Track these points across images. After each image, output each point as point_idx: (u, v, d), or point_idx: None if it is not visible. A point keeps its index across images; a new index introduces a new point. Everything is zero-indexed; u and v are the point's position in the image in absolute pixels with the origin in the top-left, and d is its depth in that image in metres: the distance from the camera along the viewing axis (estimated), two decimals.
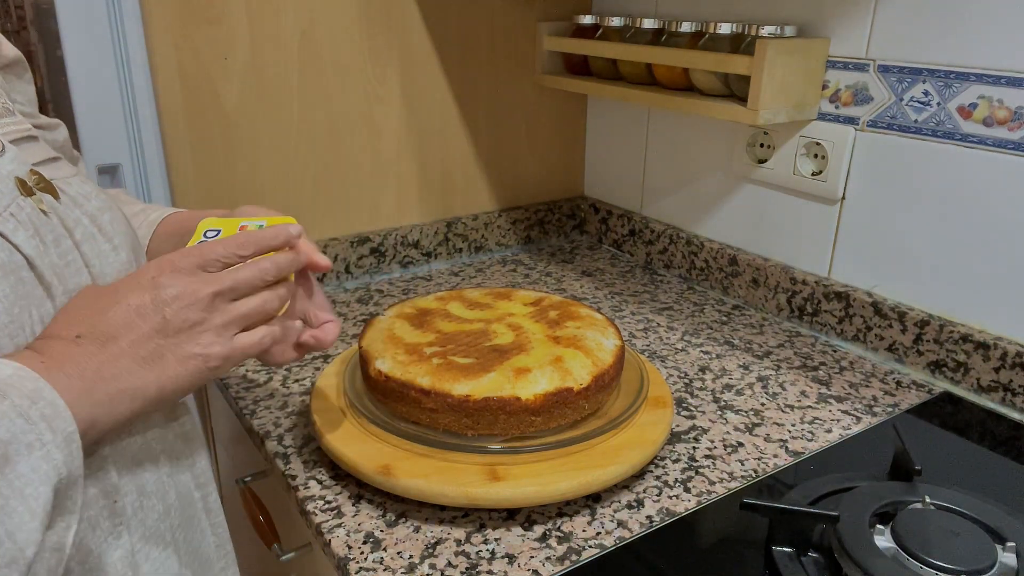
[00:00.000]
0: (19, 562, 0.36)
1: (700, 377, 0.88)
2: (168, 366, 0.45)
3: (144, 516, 0.49)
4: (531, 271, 1.21)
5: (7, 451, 0.36)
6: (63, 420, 0.39)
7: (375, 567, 0.59)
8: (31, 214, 0.43)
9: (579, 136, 1.34)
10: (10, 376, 0.38)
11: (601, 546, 0.62)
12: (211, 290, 0.46)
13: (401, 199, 1.17)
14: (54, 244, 0.44)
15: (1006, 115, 0.78)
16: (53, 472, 0.38)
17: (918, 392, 0.86)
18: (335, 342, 0.59)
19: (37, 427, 0.38)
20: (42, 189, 0.45)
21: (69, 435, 0.39)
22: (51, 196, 0.46)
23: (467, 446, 0.66)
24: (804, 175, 0.97)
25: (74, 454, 0.39)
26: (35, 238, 0.43)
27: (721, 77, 0.94)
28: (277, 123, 1.03)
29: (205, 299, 0.46)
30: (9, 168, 0.44)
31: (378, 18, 1.06)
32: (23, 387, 0.38)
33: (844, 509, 0.61)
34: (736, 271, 1.09)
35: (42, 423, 0.38)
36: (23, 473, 0.37)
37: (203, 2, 0.93)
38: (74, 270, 0.46)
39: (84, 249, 0.47)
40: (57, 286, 0.44)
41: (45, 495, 0.37)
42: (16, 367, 0.39)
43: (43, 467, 0.37)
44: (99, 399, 0.42)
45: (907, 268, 0.90)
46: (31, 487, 0.37)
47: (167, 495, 0.51)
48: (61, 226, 0.45)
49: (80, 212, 0.47)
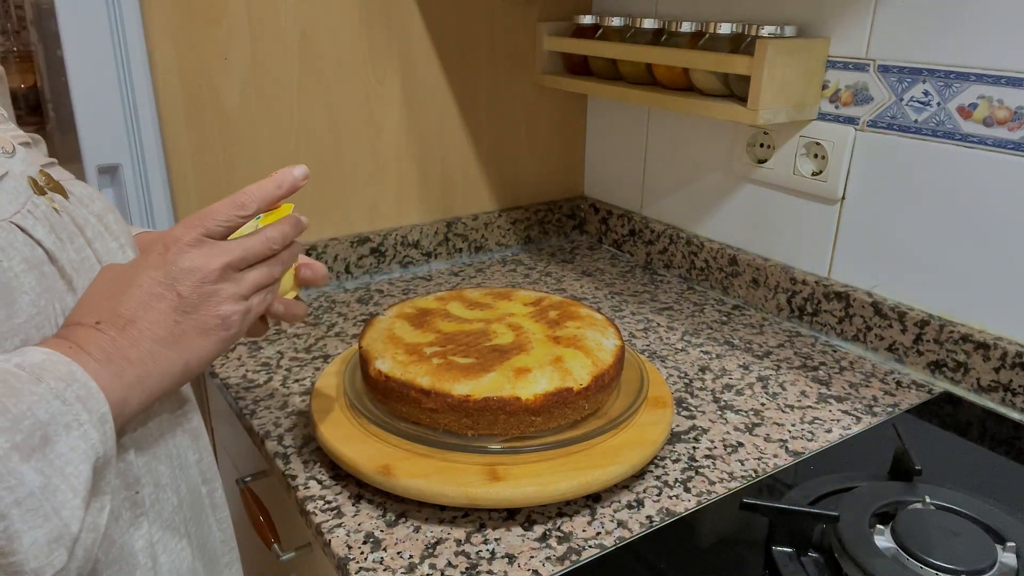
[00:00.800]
0: (65, 537, 0.37)
1: (700, 377, 0.88)
2: (191, 341, 0.46)
3: (161, 508, 0.50)
4: (531, 271, 1.21)
5: (47, 432, 0.37)
6: (97, 401, 0.40)
7: (375, 567, 0.59)
8: (46, 211, 0.44)
9: (579, 136, 1.34)
10: (43, 361, 0.39)
11: (601, 546, 0.62)
12: (222, 261, 0.47)
13: (401, 199, 1.17)
14: (69, 240, 0.45)
15: (1006, 115, 0.78)
16: (91, 451, 0.39)
17: (918, 392, 0.86)
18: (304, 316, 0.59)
19: (73, 408, 0.39)
20: (52, 189, 0.46)
21: (103, 415, 0.40)
22: (61, 195, 0.47)
23: (467, 446, 0.66)
24: (804, 175, 0.97)
25: (108, 434, 0.40)
26: (52, 234, 0.44)
27: (721, 77, 0.94)
28: (277, 123, 1.03)
29: (216, 271, 0.46)
30: (21, 168, 0.45)
31: (378, 18, 1.06)
32: (56, 370, 0.39)
33: (844, 509, 0.61)
34: (736, 271, 1.09)
35: (78, 404, 0.39)
36: (63, 452, 0.38)
37: (203, 2, 0.93)
38: (88, 267, 0.46)
39: (96, 246, 0.48)
40: (77, 280, 0.45)
41: (85, 473, 0.38)
42: (47, 352, 0.40)
43: (81, 446, 0.39)
44: (128, 380, 0.43)
45: (907, 268, 0.90)
46: (71, 466, 0.38)
47: (179, 488, 0.52)
48: (73, 224, 0.46)
49: (87, 212, 0.48)
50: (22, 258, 0.42)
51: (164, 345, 0.44)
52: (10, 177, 0.44)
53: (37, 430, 0.37)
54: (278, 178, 0.51)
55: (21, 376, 0.38)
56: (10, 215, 0.42)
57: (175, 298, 0.45)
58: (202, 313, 0.46)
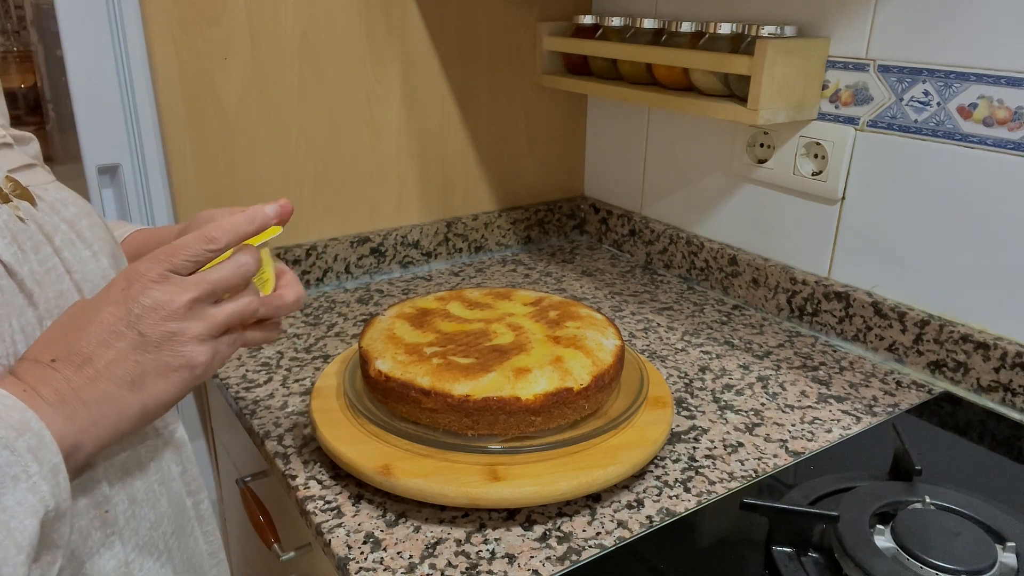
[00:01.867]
0: None
1: (700, 377, 0.88)
2: (150, 384, 0.43)
3: (136, 525, 0.48)
4: (531, 271, 1.21)
5: None
6: (49, 451, 0.38)
7: (375, 567, 0.59)
8: (7, 221, 0.42)
9: (579, 136, 1.34)
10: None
11: (601, 546, 0.62)
12: (187, 297, 0.44)
13: (401, 199, 1.17)
14: (33, 251, 0.43)
15: (1006, 115, 0.78)
16: (40, 504, 0.37)
17: (918, 392, 0.86)
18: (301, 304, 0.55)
19: (23, 459, 0.37)
20: (19, 196, 0.44)
21: (55, 466, 0.38)
22: (28, 203, 0.45)
23: (467, 446, 0.66)
24: (804, 175, 0.97)
25: (61, 485, 0.38)
26: (13, 245, 0.42)
27: (721, 77, 0.94)
28: (277, 123, 1.03)
29: (182, 308, 0.43)
30: None
31: (378, 18, 1.06)
32: (10, 417, 0.37)
33: (844, 509, 0.61)
34: (736, 271, 1.09)
35: (28, 455, 0.37)
36: (8, 506, 0.36)
37: (203, 2, 0.93)
38: (55, 277, 0.44)
39: (65, 255, 0.45)
40: (39, 294, 0.43)
41: (32, 527, 0.37)
42: (3, 395, 0.38)
43: (29, 499, 0.37)
44: (81, 424, 0.41)
45: (907, 268, 0.90)
46: (16, 520, 0.36)
47: (158, 503, 0.50)
48: (40, 233, 0.44)
49: (58, 218, 0.46)
50: None
51: (122, 386, 0.42)
52: None
53: None
54: (250, 214, 0.48)
55: None
56: None
57: (136, 336, 0.42)
58: (164, 353, 0.43)
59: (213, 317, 0.45)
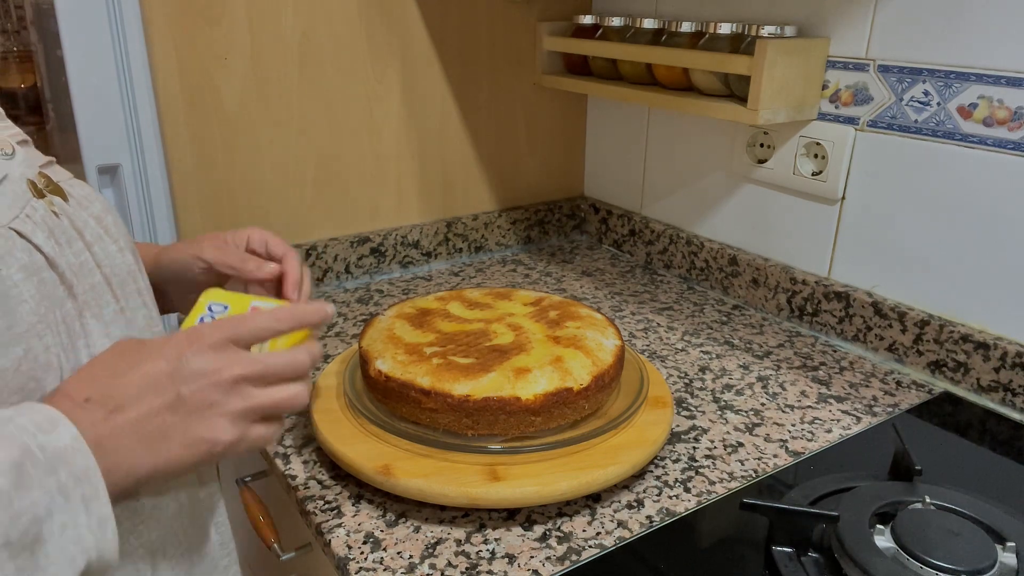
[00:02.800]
0: None
1: (700, 377, 0.88)
2: (170, 448, 0.42)
3: (159, 515, 0.49)
4: (531, 271, 1.21)
5: (41, 530, 0.36)
6: (100, 502, 0.38)
7: (375, 567, 0.59)
8: (44, 215, 0.43)
9: (579, 136, 1.34)
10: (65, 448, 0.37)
11: (601, 546, 0.62)
12: (238, 372, 0.43)
13: (401, 199, 1.17)
14: (68, 245, 0.44)
15: (1006, 115, 0.78)
16: (81, 555, 0.37)
17: (918, 392, 0.86)
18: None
19: (74, 507, 0.37)
20: (52, 191, 0.45)
21: (103, 518, 0.38)
22: (60, 198, 0.46)
23: (467, 446, 0.66)
24: (804, 175, 0.97)
25: (108, 537, 0.38)
26: (51, 239, 0.43)
27: (721, 77, 0.94)
28: (277, 123, 1.03)
29: (228, 381, 0.43)
30: (20, 170, 0.44)
31: (378, 18, 1.06)
32: (75, 463, 0.37)
33: (844, 509, 0.61)
34: (736, 271, 1.09)
35: (80, 504, 0.37)
36: (50, 552, 0.36)
37: (203, 2, 0.93)
38: (88, 270, 0.45)
39: (95, 250, 0.46)
40: (77, 285, 0.44)
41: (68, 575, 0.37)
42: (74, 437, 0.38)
43: (71, 549, 0.37)
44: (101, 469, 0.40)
45: (907, 268, 0.90)
46: (55, 566, 0.36)
47: (179, 494, 0.51)
48: (72, 228, 0.45)
49: (87, 214, 0.47)
50: (20, 265, 0.41)
51: (142, 442, 0.41)
52: (9, 180, 0.43)
53: (33, 527, 0.35)
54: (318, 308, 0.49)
55: (39, 461, 0.36)
56: (8, 221, 0.41)
57: (173, 397, 0.41)
58: (193, 421, 0.42)
59: (255, 399, 0.44)
